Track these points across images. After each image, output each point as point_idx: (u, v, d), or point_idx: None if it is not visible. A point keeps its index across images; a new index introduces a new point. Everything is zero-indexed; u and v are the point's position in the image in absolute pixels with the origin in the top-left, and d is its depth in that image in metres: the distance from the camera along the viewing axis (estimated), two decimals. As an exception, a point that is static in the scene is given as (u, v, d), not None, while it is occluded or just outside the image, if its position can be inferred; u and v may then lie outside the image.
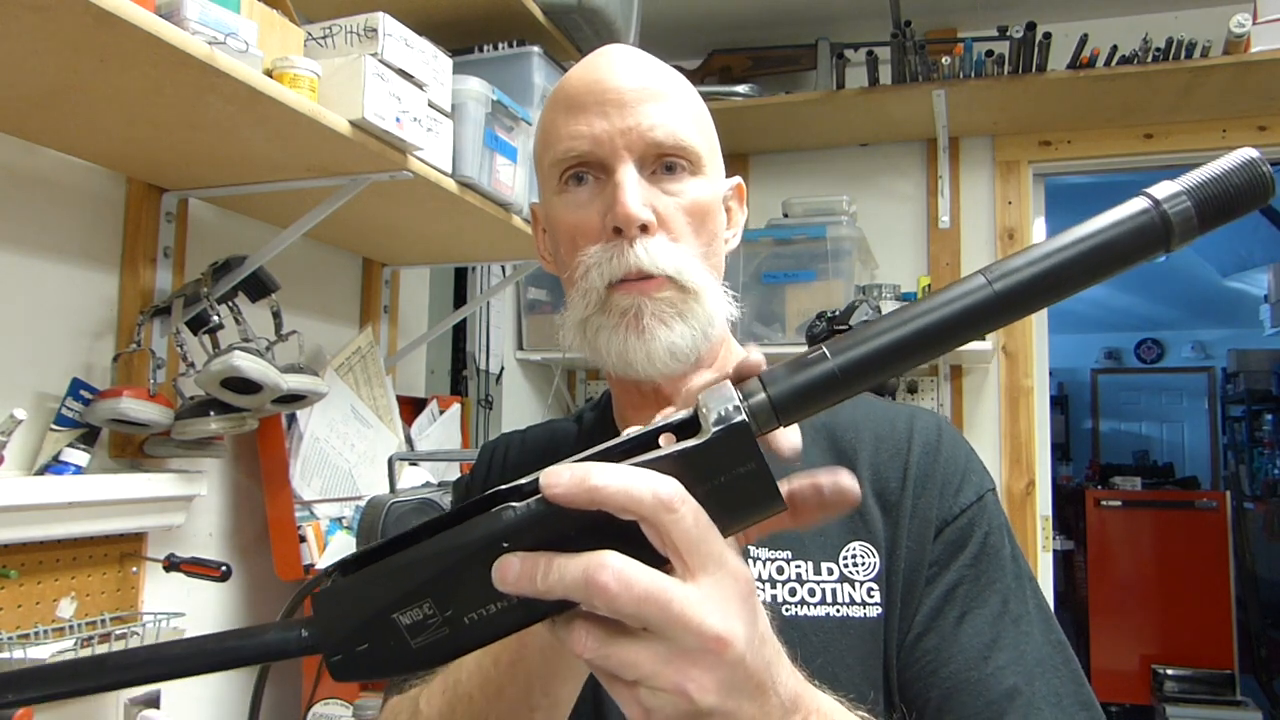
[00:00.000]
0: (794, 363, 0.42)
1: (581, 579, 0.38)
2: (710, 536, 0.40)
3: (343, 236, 1.73)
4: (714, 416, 0.40)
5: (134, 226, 1.34)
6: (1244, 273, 4.89)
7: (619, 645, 0.39)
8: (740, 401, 0.40)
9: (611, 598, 0.38)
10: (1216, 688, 3.98)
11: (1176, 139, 2.49)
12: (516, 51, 1.60)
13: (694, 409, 0.42)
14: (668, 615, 0.38)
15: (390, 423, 1.81)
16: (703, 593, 0.39)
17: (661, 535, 0.39)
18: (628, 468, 0.40)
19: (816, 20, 2.59)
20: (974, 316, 0.40)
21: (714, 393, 0.41)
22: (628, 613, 0.38)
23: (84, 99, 1.05)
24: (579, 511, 0.39)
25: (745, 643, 0.40)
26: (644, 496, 0.38)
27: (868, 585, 0.71)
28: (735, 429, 0.40)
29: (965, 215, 2.64)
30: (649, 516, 0.39)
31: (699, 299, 0.71)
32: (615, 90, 0.71)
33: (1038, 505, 2.52)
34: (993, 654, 0.67)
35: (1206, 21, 2.32)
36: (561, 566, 0.39)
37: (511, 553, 0.39)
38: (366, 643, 0.40)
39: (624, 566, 0.38)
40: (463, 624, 0.40)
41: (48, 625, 1.17)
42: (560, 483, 0.39)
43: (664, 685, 0.39)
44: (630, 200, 0.69)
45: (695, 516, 0.39)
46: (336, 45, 1.21)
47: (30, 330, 1.22)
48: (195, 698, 1.46)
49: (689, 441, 0.40)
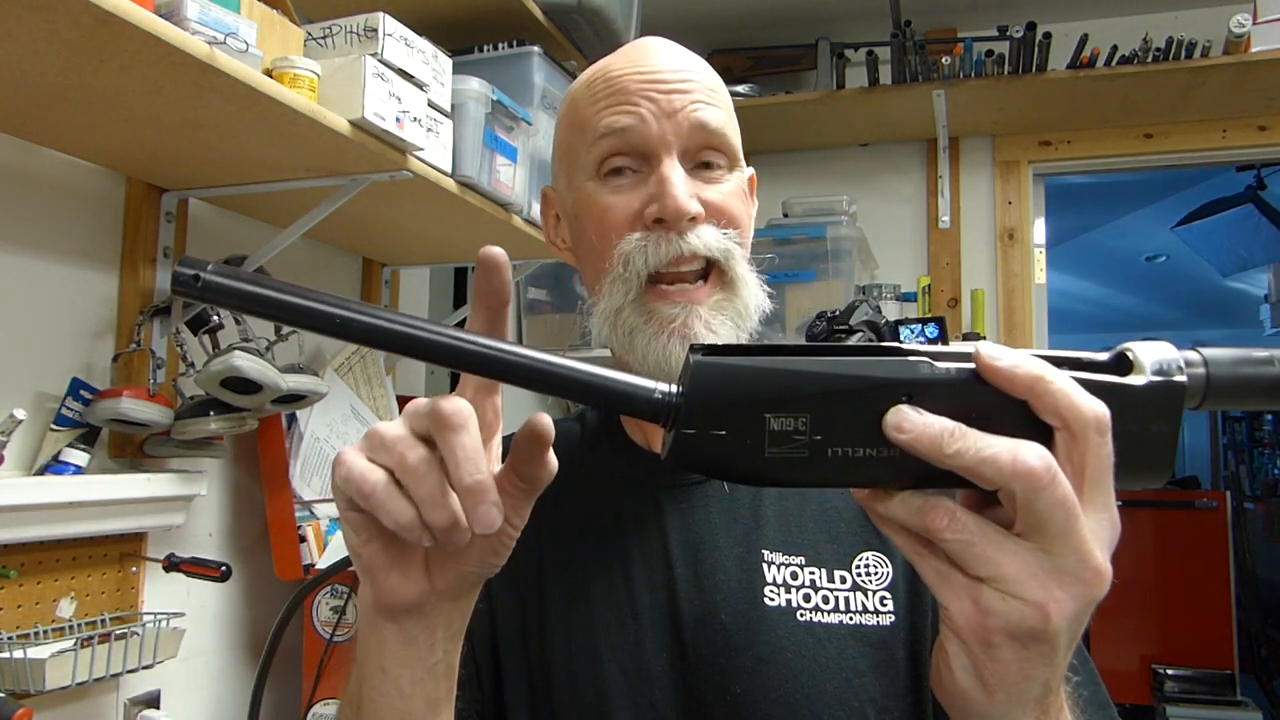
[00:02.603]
0: (1241, 353, 0.41)
1: (1008, 457, 0.37)
2: (1110, 476, 0.39)
3: (343, 236, 1.73)
4: (1154, 366, 0.39)
5: (134, 226, 1.34)
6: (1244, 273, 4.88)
7: (989, 539, 0.39)
8: (1184, 362, 0.40)
9: (1039, 488, 0.37)
10: (1216, 688, 3.98)
11: (1176, 139, 2.49)
12: (516, 51, 1.60)
13: (1119, 352, 0.41)
14: (1070, 529, 0.38)
15: (390, 423, 1.81)
16: (1092, 525, 0.39)
17: (1078, 454, 0.38)
18: (1070, 376, 0.39)
19: (816, 20, 2.60)
20: None
21: (1152, 346, 0.40)
22: (1038, 508, 0.38)
23: (84, 99, 1.05)
24: (995, 395, 0.38)
25: (1108, 586, 0.40)
26: (1082, 407, 0.38)
27: (880, 594, 0.70)
28: (1173, 386, 0.39)
29: (965, 215, 2.65)
30: (1078, 432, 0.38)
31: (739, 291, 0.71)
32: (662, 76, 0.71)
33: (1038, 505, 2.52)
34: None
35: (1206, 21, 2.32)
36: (980, 439, 0.38)
37: (911, 405, 0.38)
38: (726, 428, 0.39)
39: (1054, 462, 0.38)
40: (825, 454, 0.39)
41: (48, 625, 1.17)
42: (1003, 358, 0.38)
43: (1027, 595, 0.38)
44: (680, 193, 0.68)
45: (1109, 449, 0.39)
46: (336, 45, 1.21)
47: (30, 330, 1.22)
48: (195, 698, 1.46)
49: (1126, 379, 0.40)
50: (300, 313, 0.39)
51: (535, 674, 0.74)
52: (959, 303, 2.60)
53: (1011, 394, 0.38)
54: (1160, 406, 0.39)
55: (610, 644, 0.72)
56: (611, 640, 0.72)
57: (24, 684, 1.08)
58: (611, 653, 0.72)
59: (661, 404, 0.40)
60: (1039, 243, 2.65)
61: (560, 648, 0.73)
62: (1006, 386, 0.38)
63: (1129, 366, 0.40)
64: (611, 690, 0.70)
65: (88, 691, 1.24)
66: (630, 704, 0.70)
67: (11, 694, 1.09)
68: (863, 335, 1.92)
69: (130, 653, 1.20)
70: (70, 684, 1.11)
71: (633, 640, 0.71)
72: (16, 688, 1.08)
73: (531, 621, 0.75)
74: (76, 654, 1.12)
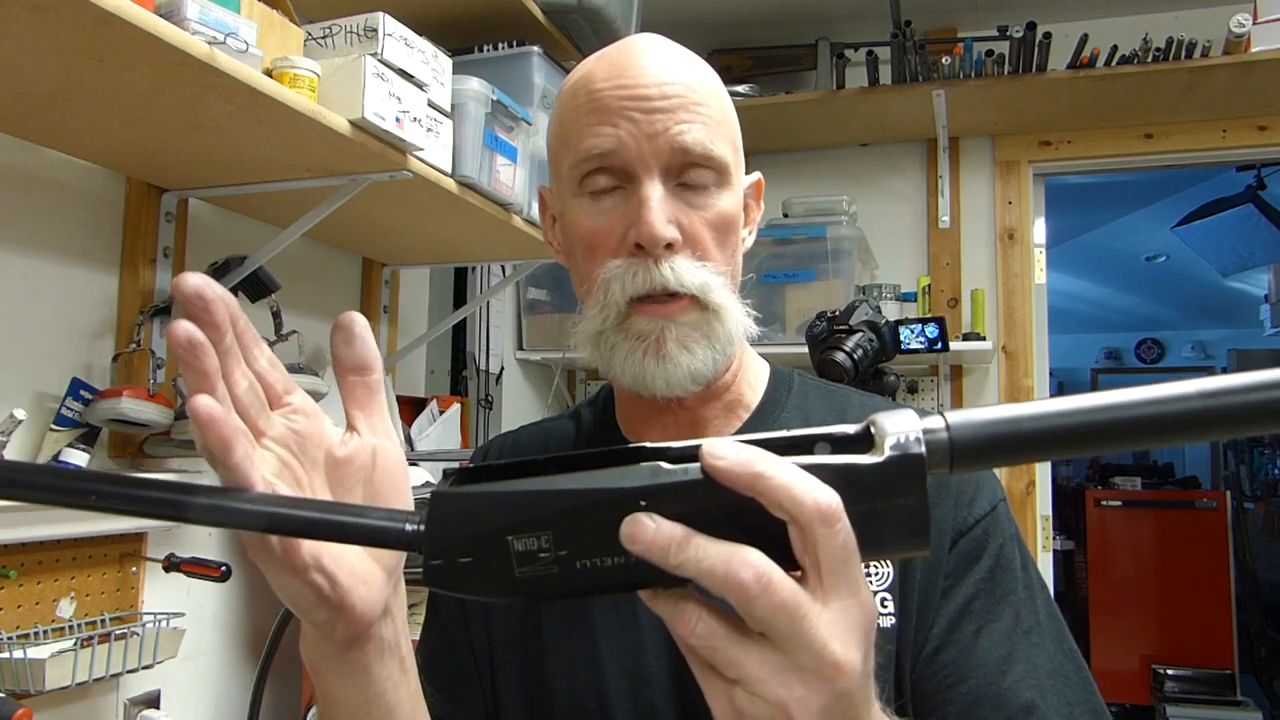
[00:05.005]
0: (989, 413, 0.39)
1: (721, 568, 0.37)
2: (853, 560, 0.38)
3: (343, 236, 1.73)
4: (892, 440, 0.38)
5: (134, 226, 1.34)
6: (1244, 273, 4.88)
7: (731, 642, 0.38)
8: (922, 433, 0.39)
9: (750, 598, 0.37)
10: (1216, 688, 3.98)
11: (1176, 139, 2.49)
12: (516, 51, 1.60)
13: (865, 425, 0.40)
14: (796, 630, 0.37)
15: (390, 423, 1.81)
16: (832, 616, 0.38)
17: (810, 546, 0.38)
18: (794, 466, 0.38)
19: (816, 20, 2.60)
20: (1180, 422, 0.37)
21: (894, 417, 0.39)
22: (757, 616, 0.37)
23: (84, 99, 1.05)
24: (728, 492, 0.38)
25: (857, 675, 0.39)
26: (805, 501, 0.37)
27: (881, 595, 0.70)
28: (911, 459, 0.38)
29: (965, 215, 2.65)
30: (804, 524, 0.37)
31: (720, 319, 0.70)
32: (644, 93, 0.68)
33: (1038, 505, 2.52)
34: (1008, 668, 0.66)
35: (1206, 21, 2.32)
36: (701, 547, 0.37)
37: (647, 513, 0.38)
38: (472, 556, 0.39)
39: (768, 570, 0.37)
40: (573, 567, 0.39)
41: (48, 625, 1.17)
42: (726, 457, 0.37)
43: (768, 695, 0.38)
44: (656, 219, 0.67)
45: (846, 536, 0.38)
46: (336, 45, 1.21)
47: (30, 330, 1.22)
48: (195, 698, 1.46)
49: (860, 457, 0.39)
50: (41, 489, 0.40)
51: (533, 678, 0.74)
52: (959, 303, 2.60)
53: (738, 493, 0.38)
54: (901, 481, 0.38)
55: (610, 646, 0.72)
56: (611, 643, 0.72)
57: (24, 684, 1.08)
58: (612, 655, 0.71)
59: (411, 538, 0.40)
60: (1039, 243, 2.65)
61: (559, 651, 0.73)
62: (732, 486, 0.37)
63: (869, 441, 0.40)
64: (612, 693, 0.70)
65: (88, 691, 1.24)
66: (631, 707, 0.70)
67: (11, 694, 1.09)
68: (863, 335, 1.92)
69: (130, 653, 1.20)
70: (70, 684, 1.11)
71: (633, 642, 0.71)
72: (16, 688, 1.08)
73: (529, 625, 0.75)
74: (76, 654, 1.12)
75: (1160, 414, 0.37)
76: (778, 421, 0.78)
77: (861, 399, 0.82)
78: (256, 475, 0.41)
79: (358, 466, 0.49)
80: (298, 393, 0.48)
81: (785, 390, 0.80)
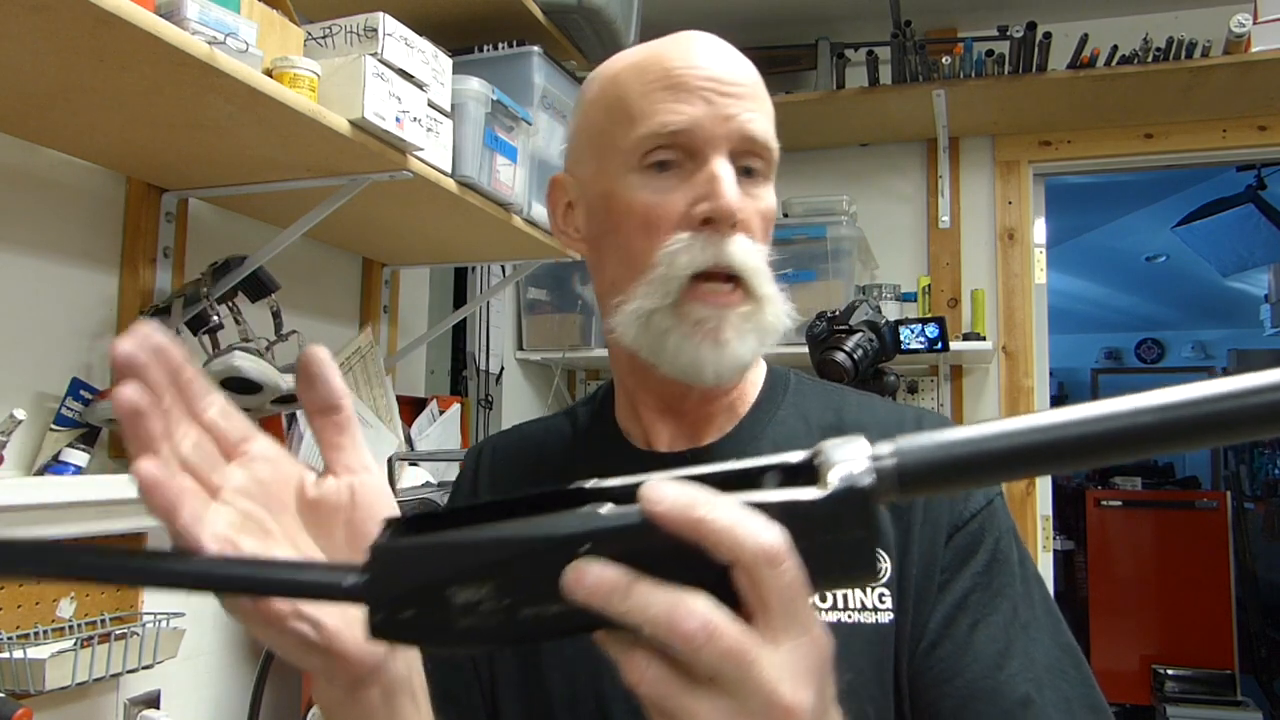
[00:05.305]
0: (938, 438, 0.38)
1: (664, 618, 0.36)
2: (801, 598, 0.37)
3: (343, 236, 1.73)
4: (838, 473, 0.37)
5: (134, 226, 1.34)
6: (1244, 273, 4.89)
7: (680, 689, 0.37)
8: (870, 464, 0.37)
9: (695, 648, 0.36)
10: (1216, 688, 3.98)
11: (1176, 139, 2.49)
12: (516, 51, 1.60)
13: (811, 455, 0.39)
14: (744, 676, 0.36)
15: (390, 423, 1.81)
16: (781, 657, 0.37)
17: (756, 588, 0.37)
18: (737, 506, 0.37)
19: (816, 20, 2.60)
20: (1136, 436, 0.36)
21: (841, 447, 0.38)
22: (704, 664, 0.36)
23: (84, 99, 1.05)
24: (672, 534, 0.36)
25: (808, 716, 0.38)
26: (747, 542, 0.36)
27: (879, 591, 0.70)
28: (857, 493, 0.37)
29: (965, 215, 2.65)
30: (748, 566, 0.36)
31: (765, 310, 0.70)
32: (718, 77, 0.71)
33: (1038, 505, 2.52)
34: (1005, 662, 0.66)
35: (1206, 21, 2.32)
36: (644, 595, 0.36)
37: (590, 558, 0.37)
38: (412, 609, 0.38)
39: (712, 617, 0.36)
40: (517, 616, 0.38)
41: (47, 625, 1.17)
42: (665, 501, 0.36)
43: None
44: (732, 192, 0.68)
45: (793, 575, 0.37)
46: (336, 45, 1.21)
47: (30, 330, 1.22)
48: (195, 698, 1.46)
49: (804, 492, 0.37)
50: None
51: (531, 677, 0.74)
52: (959, 303, 2.60)
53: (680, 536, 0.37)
54: (848, 514, 0.37)
55: None
56: None
57: (24, 684, 1.08)
58: None
59: (353, 591, 0.39)
60: (1039, 243, 2.65)
61: (557, 649, 0.73)
62: (673, 530, 0.36)
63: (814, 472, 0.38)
64: (610, 692, 0.70)
65: (88, 691, 1.24)
66: (629, 708, 0.70)
67: (11, 694, 1.09)
68: (863, 335, 1.92)
69: (130, 653, 1.20)
70: (70, 684, 1.11)
71: None
72: (16, 688, 1.08)
73: None
74: (76, 654, 1.12)
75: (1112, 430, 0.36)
76: (774, 420, 0.78)
77: (858, 398, 0.82)
78: (206, 534, 0.40)
79: (334, 506, 0.48)
80: (257, 439, 0.47)
81: (782, 389, 0.81)
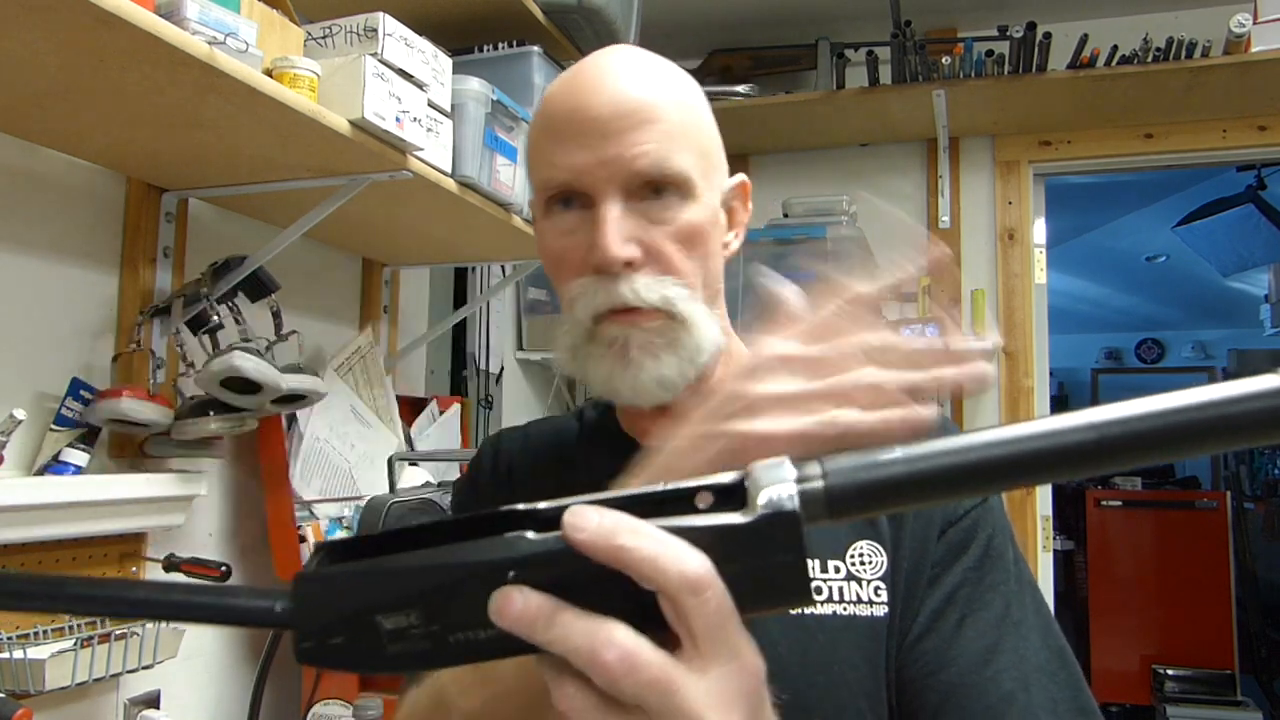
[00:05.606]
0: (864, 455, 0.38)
1: (586, 649, 0.36)
2: (730, 624, 0.37)
3: (343, 236, 1.73)
4: (764, 498, 0.37)
5: (134, 226, 1.34)
6: (1244, 273, 4.89)
7: (610, 714, 0.37)
8: (796, 487, 0.37)
9: (613, 679, 0.35)
10: (1216, 688, 3.98)
11: (1176, 139, 2.49)
12: (516, 51, 1.60)
13: (741, 477, 0.39)
14: (668, 705, 0.36)
15: (390, 423, 1.81)
16: (708, 685, 0.37)
17: (681, 616, 0.36)
18: (659, 533, 0.36)
19: (816, 20, 2.59)
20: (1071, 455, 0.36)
21: (769, 469, 0.38)
22: (627, 694, 0.36)
23: (84, 99, 1.05)
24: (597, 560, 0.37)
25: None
26: (670, 571, 0.36)
27: (875, 584, 0.70)
28: (783, 517, 0.36)
29: (965, 215, 2.64)
30: (672, 594, 0.36)
31: (688, 328, 0.70)
32: (595, 117, 0.69)
33: (1038, 505, 2.52)
34: (993, 658, 0.66)
35: (1206, 21, 2.32)
36: (567, 625, 0.36)
37: (516, 585, 0.37)
38: (341, 636, 0.38)
39: (632, 648, 0.36)
40: (445, 641, 0.38)
41: (48, 625, 1.17)
42: (587, 529, 0.36)
43: None
44: (611, 242, 0.68)
45: (719, 602, 0.36)
46: (336, 45, 1.21)
47: (30, 330, 1.22)
48: (195, 698, 1.46)
49: (730, 517, 0.37)
50: None
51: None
52: (959, 303, 2.60)
53: None
54: (776, 539, 0.37)
55: None
56: None
57: (24, 684, 1.08)
58: None
59: (282, 618, 0.39)
60: (1039, 243, 2.65)
61: None
62: (594, 558, 0.36)
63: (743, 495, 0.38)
64: None
65: (88, 691, 1.24)
66: None
67: (11, 694, 1.09)
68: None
69: (130, 653, 1.20)
70: (70, 684, 1.11)
71: None
72: (16, 688, 1.08)
73: None
74: (76, 654, 1.12)
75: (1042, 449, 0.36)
76: None
77: None
78: None
79: None
80: None
81: None
